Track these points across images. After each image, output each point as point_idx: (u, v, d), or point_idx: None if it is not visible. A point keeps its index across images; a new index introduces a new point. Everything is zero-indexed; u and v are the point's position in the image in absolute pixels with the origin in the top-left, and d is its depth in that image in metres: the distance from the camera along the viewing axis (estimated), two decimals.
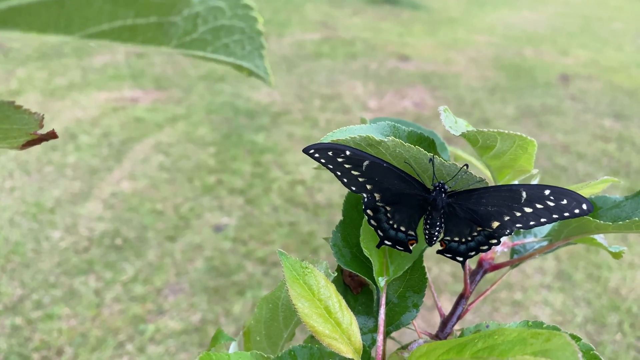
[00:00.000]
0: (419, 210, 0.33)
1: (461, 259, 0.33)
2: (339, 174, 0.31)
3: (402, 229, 0.33)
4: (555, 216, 0.29)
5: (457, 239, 0.33)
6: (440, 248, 0.34)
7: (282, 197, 1.90)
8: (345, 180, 0.32)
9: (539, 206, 0.29)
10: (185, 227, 1.71)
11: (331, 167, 0.31)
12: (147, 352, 1.28)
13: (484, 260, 0.36)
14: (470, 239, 0.32)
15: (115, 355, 1.26)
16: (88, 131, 2.28)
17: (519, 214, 0.30)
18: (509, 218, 0.30)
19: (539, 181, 0.38)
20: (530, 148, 0.29)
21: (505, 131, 0.27)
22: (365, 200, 0.32)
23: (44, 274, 1.48)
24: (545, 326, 0.28)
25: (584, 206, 0.28)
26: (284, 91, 2.87)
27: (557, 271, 1.63)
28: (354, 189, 0.32)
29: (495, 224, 0.31)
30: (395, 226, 0.33)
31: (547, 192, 0.29)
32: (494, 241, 0.32)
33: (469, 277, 0.35)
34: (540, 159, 2.29)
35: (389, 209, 0.33)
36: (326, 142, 0.30)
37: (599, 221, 0.30)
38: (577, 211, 0.28)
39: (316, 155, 0.30)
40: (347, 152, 0.30)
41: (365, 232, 0.34)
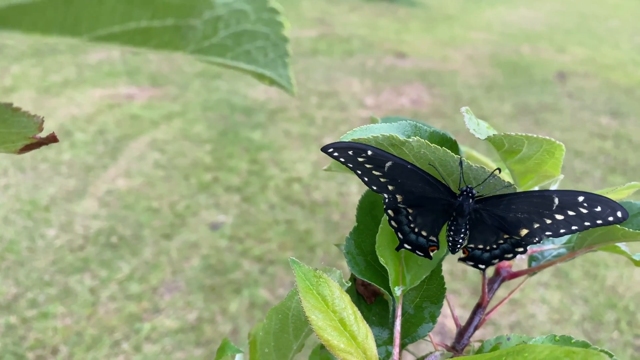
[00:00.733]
0: (442, 215, 0.31)
1: (483, 266, 0.32)
2: (360, 173, 0.30)
3: (424, 233, 0.31)
4: (587, 224, 0.27)
5: (481, 246, 0.31)
6: (462, 255, 0.32)
7: (278, 194, 1.88)
8: (366, 179, 0.30)
9: (570, 213, 0.27)
10: (181, 225, 1.69)
11: (351, 166, 0.30)
12: (143, 350, 1.26)
13: (501, 268, 0.35)
14: (495, 246, 0.31)
15: (111, 354, 1.25)
16: (83, 128, 2.25)
17: (549, 221, 0.28)
18: (538, 225, 0.29)
19: (558, 186, 0.36)
20: (558, 153, 0.28)
21: (533, 135, 0.26)
22: (387, 200, 0.31)
23: (39, 272, 1.47)
24: (574, 342, 0.27)
25: (618, 214, 0.27)
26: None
27: (554, 269, 1.62)
28: (375, 188, 0.31)
29: (524, 232, 0.29)
30: (416, 230, 0.31)
31: (580, 198, 0.27)
32: (520, 249, 0.30)
33: (487, 285, 0.33)
34: None
35: (410, 211, 0.31)
36: (346, 140, 0.29)
37: (627, 229, 0.28)
38: (611, 219, 0.27)
39: (335, 154, 0.29)
40: (369, 152, 0.28)
41: (381, 239, 0.32)
